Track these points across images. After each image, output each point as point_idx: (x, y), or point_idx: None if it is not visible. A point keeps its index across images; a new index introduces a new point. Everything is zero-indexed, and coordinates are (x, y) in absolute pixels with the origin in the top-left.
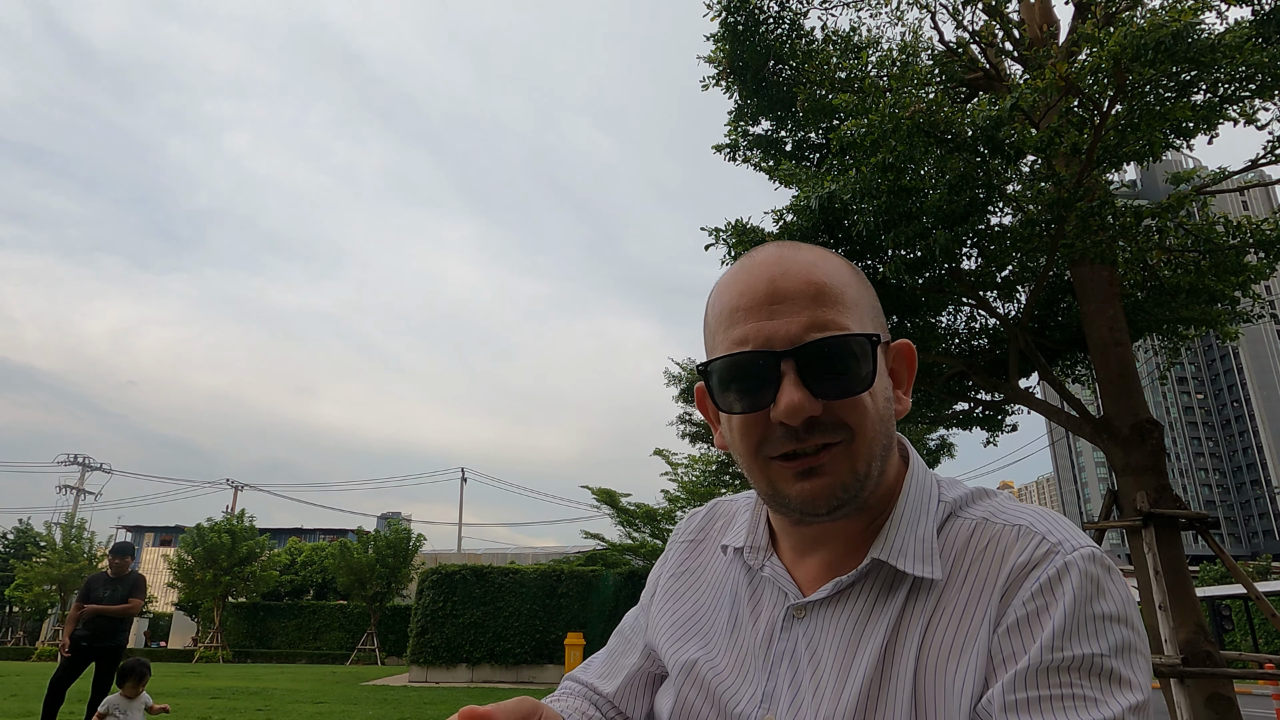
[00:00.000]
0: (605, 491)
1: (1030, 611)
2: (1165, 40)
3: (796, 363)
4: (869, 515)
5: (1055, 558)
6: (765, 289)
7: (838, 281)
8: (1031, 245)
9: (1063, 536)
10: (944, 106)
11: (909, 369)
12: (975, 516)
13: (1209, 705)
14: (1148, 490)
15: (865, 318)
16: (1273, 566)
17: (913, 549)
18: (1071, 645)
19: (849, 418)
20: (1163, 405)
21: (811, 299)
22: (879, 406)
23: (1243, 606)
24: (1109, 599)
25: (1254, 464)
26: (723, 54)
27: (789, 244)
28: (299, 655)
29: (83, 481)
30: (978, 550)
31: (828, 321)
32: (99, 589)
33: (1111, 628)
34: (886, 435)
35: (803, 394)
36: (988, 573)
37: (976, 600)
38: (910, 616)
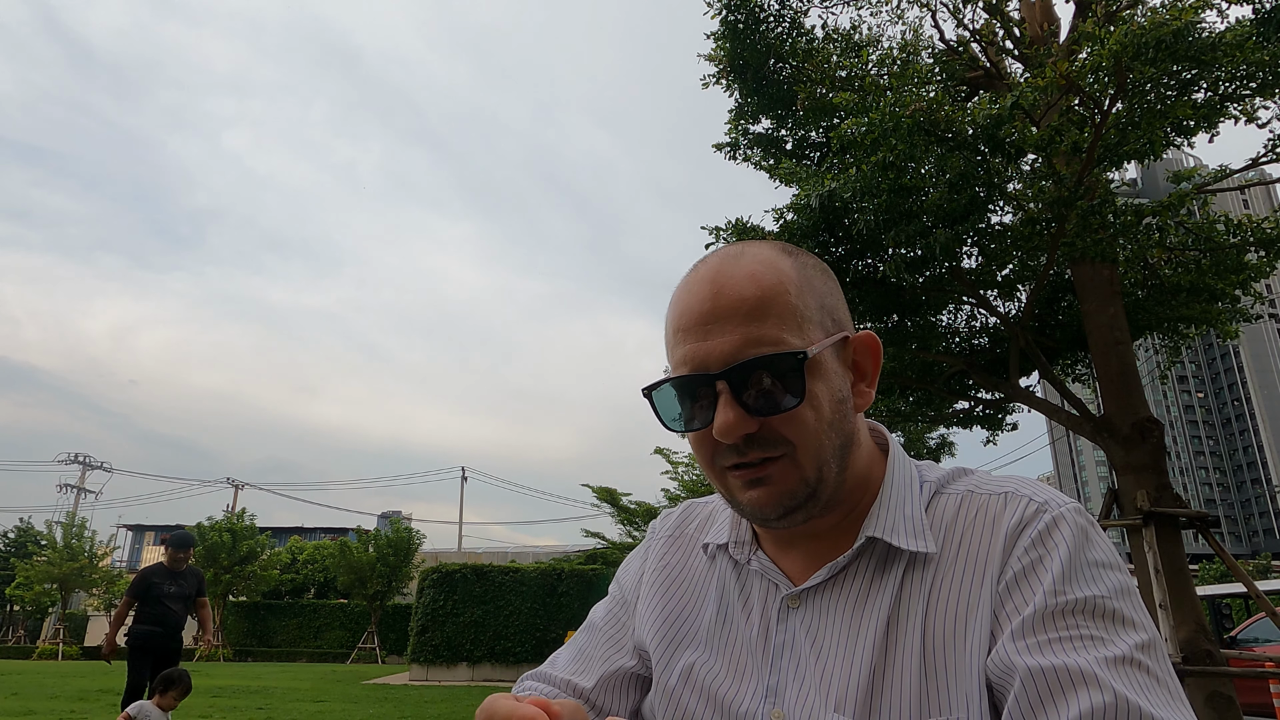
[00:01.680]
0: (606, 490)
1: (1028, 564)
2: (1166, 39)
3: (729, 383)
4: (845, 508)
5: (1044, 514)
6: (699, 308)
7: (773, 292)
8: (1032, 244)
9: (1049, 496)
10: (944, 105)
11: (873, 360)
12: (960, 490)
13: (1209, 704)
14: (1148, 489)
15: (807, 324)
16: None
17: (904, 526)
18: (1072, 589)
19: (787, 432)
20: (1163, 404)
21: (745, 316)
22: (823, 414)
23: (1243, 605)
24: (1099, 548)
25: (1254, 462)
26: (723, 52)
27: (733, 251)
28: (299, 654)
29: (83, 480)
30: (968, 520)
31: (760, 338)
32: (162, 583)
33: (1107, 573)
34: (840, 435)
35: (736, 413)
36: (982, 538)
37: (975, 566)
38: (909, 591)
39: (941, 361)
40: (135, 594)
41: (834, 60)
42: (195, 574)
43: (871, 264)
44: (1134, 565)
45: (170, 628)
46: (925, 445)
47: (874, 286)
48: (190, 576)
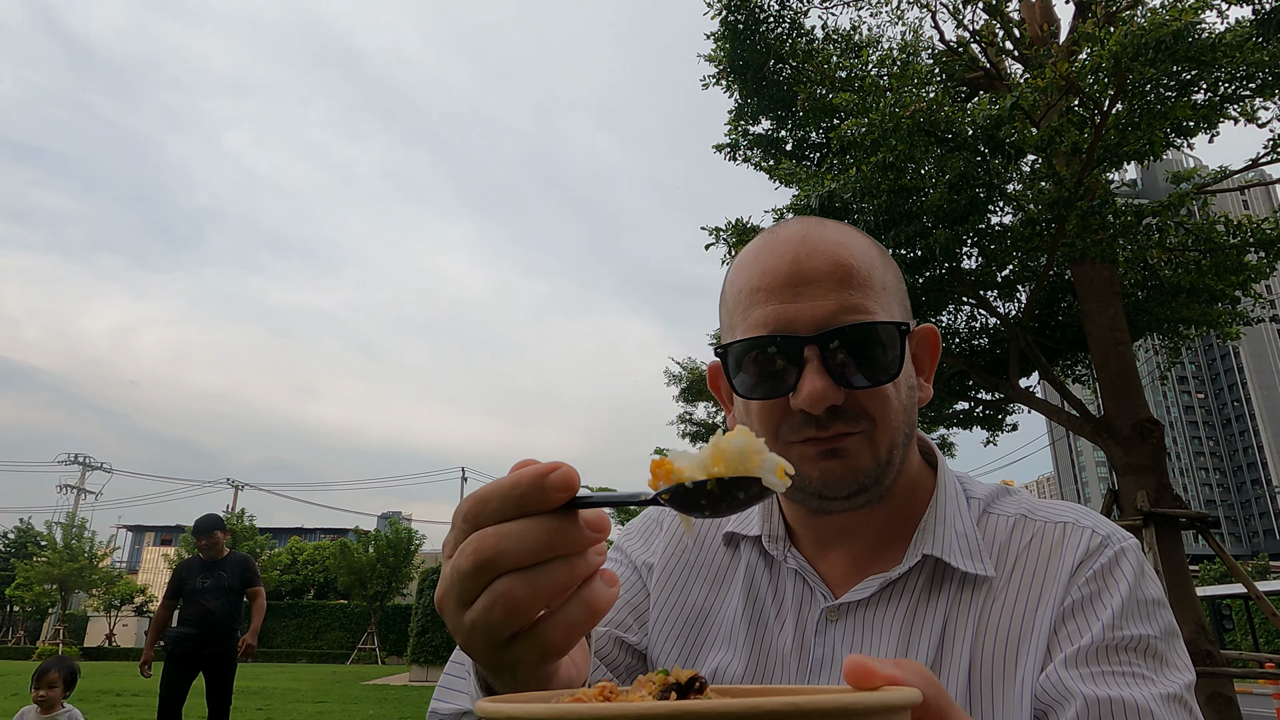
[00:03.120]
0: (605, 491)
1: (1088, 594)
2: (1166, 39)
3: (820, 349)
4: (891, 507)
5: (1108, 549)
6: (788, 269)
7: (865, 263)
8: (1032, 244)
9: (1109, 529)
10: (944, 106)
11: (932, 356)
12: (1011, 513)
13: (1209, 705)
14: (1148, 489)
15: (893, 303)
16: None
17: (958, 544)
18: (1129, 625)
19: (872, 407)
20: (1163, 405)
21: (838, 281)
22: (902, 396)
23: (1243, 606)
24: (1153, 584)
25: (1254, 463)
26: (723, 53)
27: (814, 220)
28: (300, 654)
29: (83, 481)
30: (1022, 546)
31: (855, 306)
32: (195, 577)
33: (1160, 612)
34: (909, 424)
35: (825, 382)
36: (1040, 567)
37: (1032, 594)
38: (959, 613)
39: (941, 362)
40: (170, 593)
41: (834, 61)
42: (240, 561)
43: None
44: None
45: (210, 629)
46: None
47: None
48: (233, 565)
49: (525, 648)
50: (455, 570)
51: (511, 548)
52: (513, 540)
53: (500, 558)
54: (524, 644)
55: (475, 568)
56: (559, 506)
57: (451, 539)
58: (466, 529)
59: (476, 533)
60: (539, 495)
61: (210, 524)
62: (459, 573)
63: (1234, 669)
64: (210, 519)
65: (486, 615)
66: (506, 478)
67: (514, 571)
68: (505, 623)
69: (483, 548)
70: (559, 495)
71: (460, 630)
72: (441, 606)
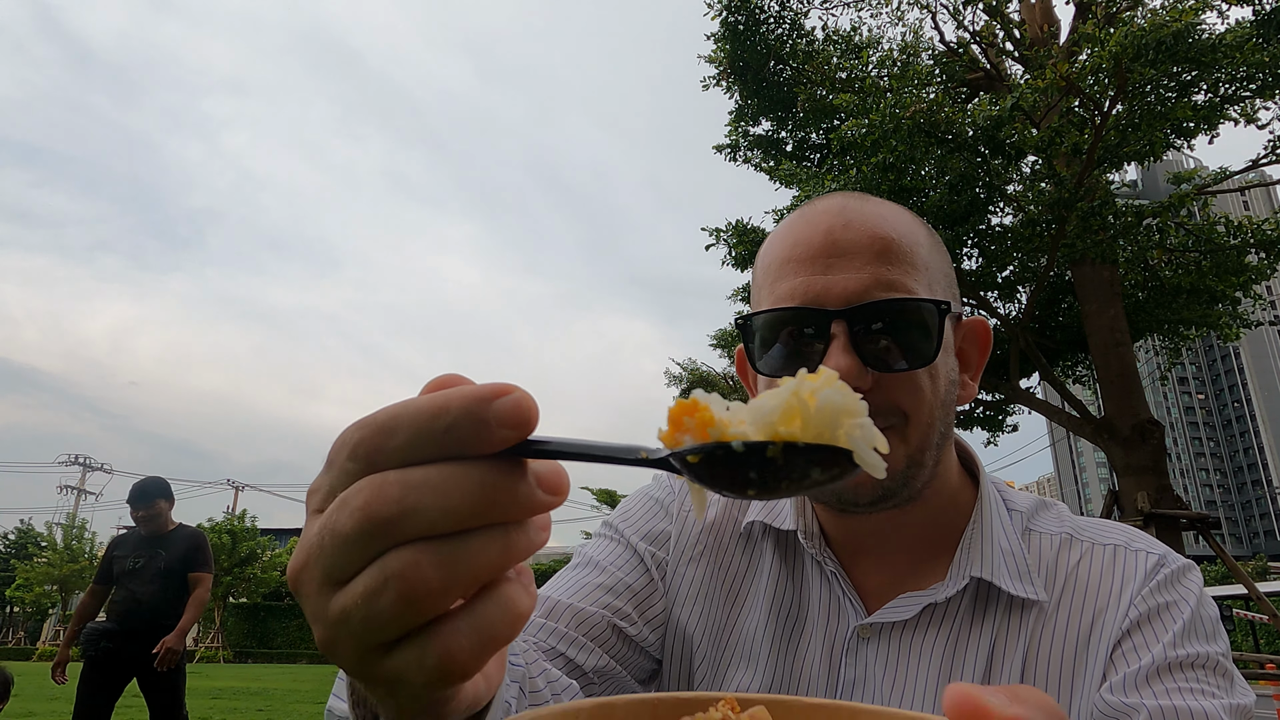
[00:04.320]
0: (605, 492)
1: (1146, 613)
2: (1166, 40)
3: (849, 325)
4: (927, 514)
5: (1164, 568)
6: (823, 240)
7: (908, 238)
8: (1032, 245)
9: (1163, 550)
10: (945, 106)
11: (981, 351)
12: (1057, 532)
13: None
14: (1149, 490)
15: (936, 284)
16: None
17: (1005, 564)
18: (1195, 643)
19: (903, 399)
20: (1164, 405)
21: (876, 255)
22: (940, 389)
23: (1244, 606)
24: (1212, 604)
25: (1255, 464)
26: (723, 54)
27: (856, 194)
28: (300, 655)
29: (84, 482)
30: (1071, 568)
31: (892, 282)
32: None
33: (1221, 631)
34: (945, 423)
35: (852, 360)
36: (1097, 594)
37: (1085, 620)
38: (1008, 638)
39: None
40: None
41: (834, 62)
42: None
43: None
44: None
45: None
46: None
47: None
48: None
49: (414, 660)
50: (329, 531)
51: (425, 504)
52: (427, 494)
53: (404, 518)
54: (413, 653)
55: (363, 530)
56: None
57: (325, 483)
58: (354, 470)
59: (369, 477)
60: (476, 430)
61: (150, 490)
62: (335, 535)
63: None
64: (150, 482)
65: (369, 603)
66: (425, 398)
67: (422, 540)
68: (396, 617)
69: (378, 500)
70: (505, 433)
71: (323, 620)
72: (298, 580)
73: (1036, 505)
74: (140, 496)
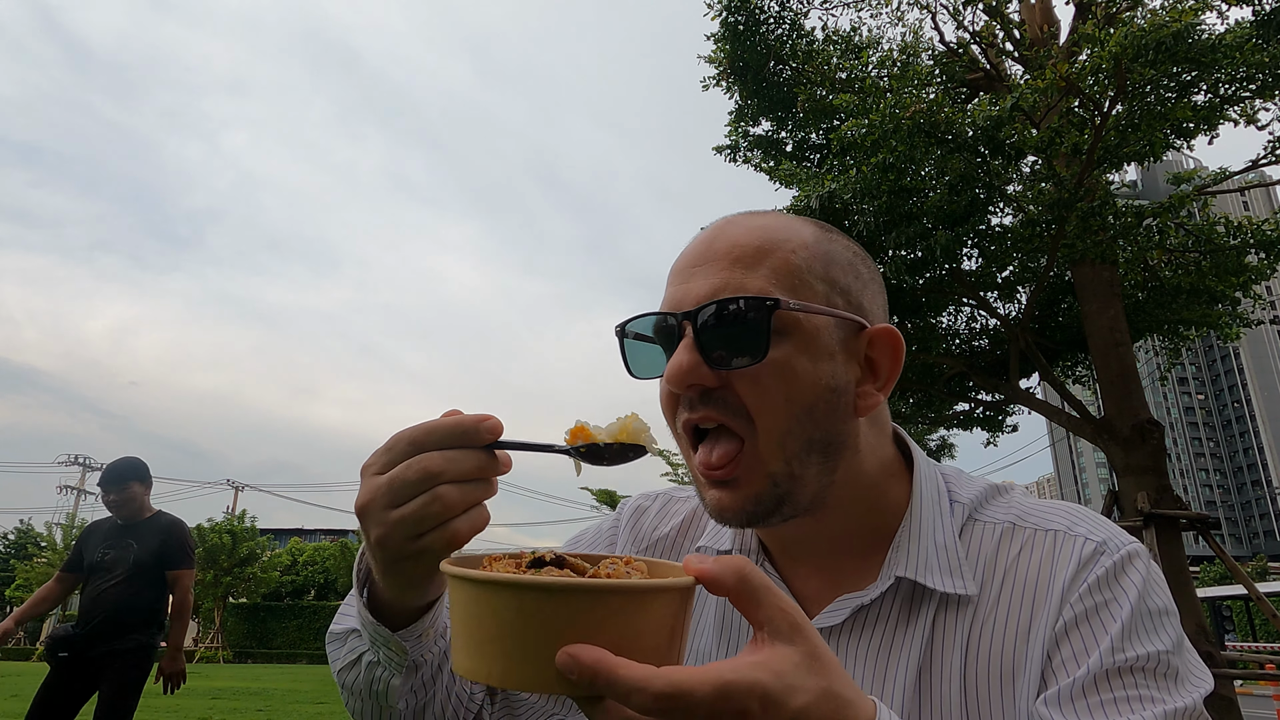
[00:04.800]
0: (605, 493)
1: (1083, 610)
2: (1166, 40)
3: (693, 325)
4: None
5: (1103, 557)
6: (693, 252)
7: (774, 244)
8: (1032, 245)
9: (1105, 534)
10: (944, 107)
11: (891, 361)
12: (999, 520)
13: (1209, 706)
14: (1148, 490)
15: (804, 290)
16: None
17: (936, 561)
18: (1134, 645)
19: (746, 397)
20: (1163, 405)
21: (734, 260)
22: (796, 392)
23: (1243, 607)
24: (1159, 593)
25: (1254, 464)
26: (723, 54)
27: (758, 211)
28: (300, 655)
29: (83, 482)
30: (1011, 559)
31: (743, 285)
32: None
33: (1167, 622)
34: (821, 429)
35: (689, 356)
36: (1030, 583)
37: (1024, 614)
38: (944, 635)
39: (942, 363)
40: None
41: (834, 62)
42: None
43: None
44: None
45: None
46: (925, 447)
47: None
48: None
49: (437, 538)
50: (396, 479)
51: (452, 467)
52: (454, 462)
53: (443, 472)
54: (436, 535)
55: (421, 477)
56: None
57: (381, 460)
58: (410, 450)
59: (423, 454)
60: (475, 435)
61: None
62: (401, 480)
63: (1234, 670)
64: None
65: (421, 510)
66: (448, 419)
67: (450, 483)
68: (436, 515)
69: (430, 463)
70: (489, 437)
71: (385, 524)
72: (366, 509)
73: (985, 494)
74: (111, 478)
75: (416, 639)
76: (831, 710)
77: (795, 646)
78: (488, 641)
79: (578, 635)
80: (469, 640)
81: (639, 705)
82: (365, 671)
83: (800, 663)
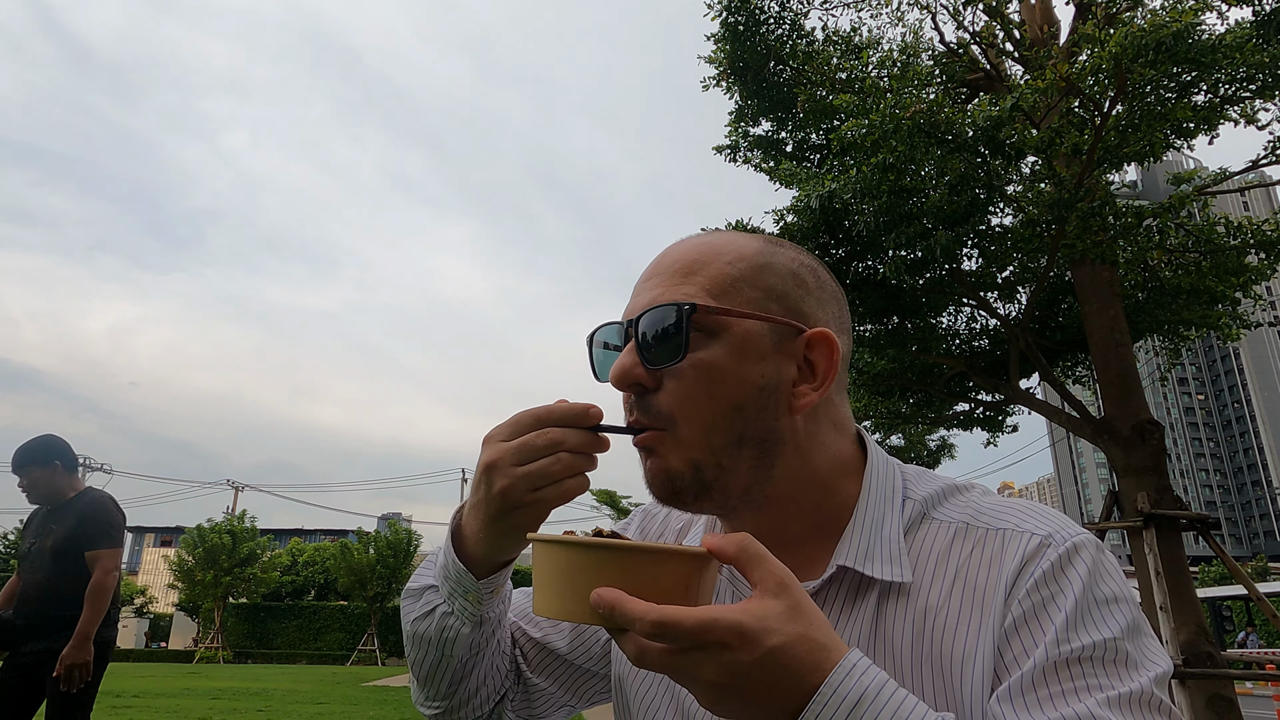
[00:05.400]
0: (605, 492)
1: (1031, 607)
2: (1166, 41)
3: (635, 329)
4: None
5: (1049, 550)
6: (648, 267)
7: (710, 257)
8: (1032, 246)
9: (1051, 528)
10: (945, 107)
11: (828, 361)
12: (953, 520)
13: (1210, 706)
14: (1148, 491)
15: (732, 295)
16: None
17: (879, 551)
18: (1079, 634)
19: (671, 399)
20: (1163, 406)
21: (672, 274)
22: (719, 391)
23: (1243, 607)
24: (1109, 580)
25: (1255, 464)
26: (723, 54)
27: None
28: (299, 656)
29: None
30: (964, 558)
31: (674, 294)
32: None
33: (1117, 609)
34: (751, 426)
35: (629, 358)
36: (979, 580)
37: (974, 609)
38: (889, 622)
39: (941, 363)
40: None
41: (834, 62)
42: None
43: (872, 266)
44: (1134, 567)
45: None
46: (925, 447)
47: (874, 288)
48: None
49: (552, 491)
50: (526, 444)
51: (570, 439)
52: (573, 436)
53: (564, 441)
54: (552, 489)
55: (548, 443)
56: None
57: (507, 431)
58: (535, 424)
59: (546, 429)
60: (585, 417)
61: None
62: (530, 445)
63: (1234, 670)
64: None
65: (545, 468)
66: (565, 405)
67: (568, 451)
68: (555, 474)
69: (554, 435)
70: (595, 420)
71: (511, 477)
72: (494, 465)
73: (942, 493)
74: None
75: (490, 593)
76: (806, 652)
77: (779, 599)
78: (552, 586)
79: (605, 581)
80: (543, 587)
81: (641, 631)
82: (439, 620)
83: (782, 612)
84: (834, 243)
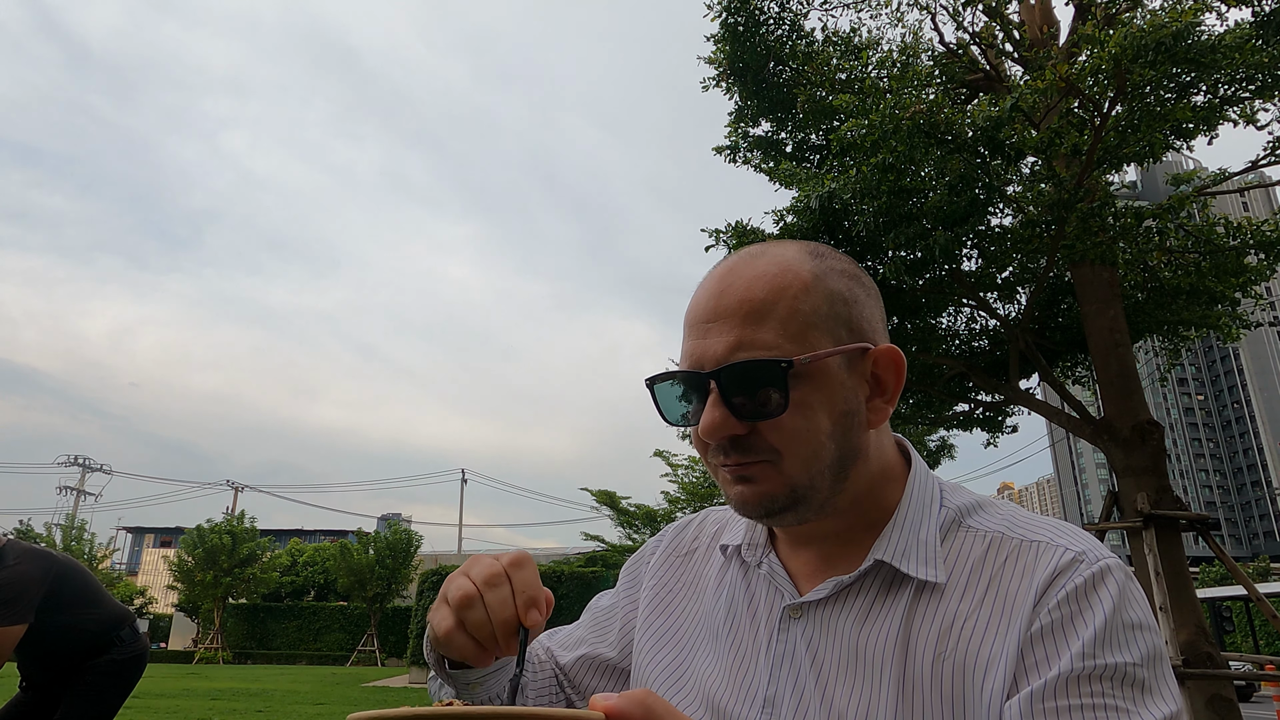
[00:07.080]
0: (605, 493)
1: (1059, 619)
2: (1165, 41)
3: (718, 384)
4: (850, 518)
5: (1081, 566)
6: (705, 305)
7: (778, 295)
8: (1032, 246)
9: (1085, 546)
10: (944, 107)
11: (895, 376)
12: (989, 529)
13: (1210, 707)
14: (1148, 491)
15: (811, 331)
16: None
17: (916, 551)
18: (1104, 654)
19: (774, 439)
20: (1163, 406)
21: (743, 318)
22: (817, 423)
23: (1243, 608)
24: (1136, 607)
25: (1254, 465)
26: (723, 55)
27: (754, 250)
28: (299, 656)
29: (83, 483)
30: (997, 565)
31: (753, 341)
32: None
33: (1141, 636)
34: (841, 448)
35: (721, 414)
36: (1011, 587)
37: (1003, 614)
38: (920, 618)
39: (941, 364)
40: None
41: (834, 63)
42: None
43: (871, 266)
44: (1134, 568)
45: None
46: (925, 448)
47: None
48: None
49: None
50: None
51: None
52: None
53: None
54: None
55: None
56: None
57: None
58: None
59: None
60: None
61: None
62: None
63: (1234, 671)
64: None
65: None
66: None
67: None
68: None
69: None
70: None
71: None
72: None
73: (976, 504)
74: None
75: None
76: None
77: None
78: None
79: None
80: None
81: None
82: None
83: None
84: (833, 243)
